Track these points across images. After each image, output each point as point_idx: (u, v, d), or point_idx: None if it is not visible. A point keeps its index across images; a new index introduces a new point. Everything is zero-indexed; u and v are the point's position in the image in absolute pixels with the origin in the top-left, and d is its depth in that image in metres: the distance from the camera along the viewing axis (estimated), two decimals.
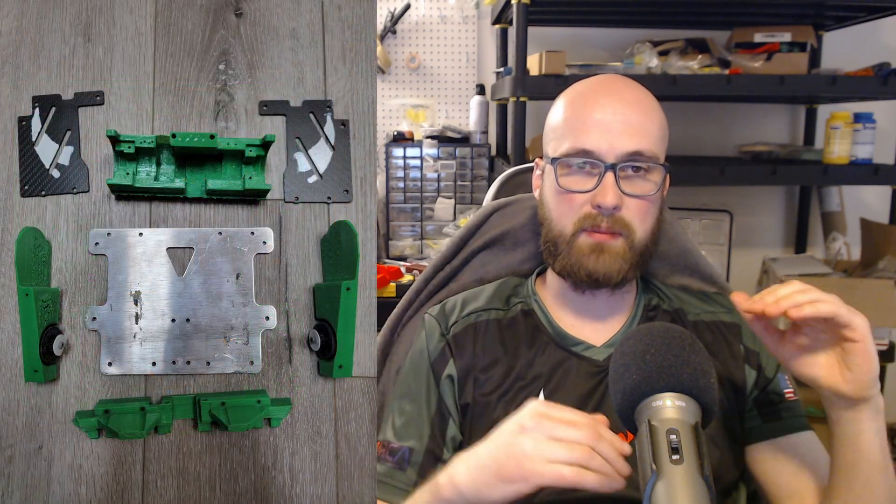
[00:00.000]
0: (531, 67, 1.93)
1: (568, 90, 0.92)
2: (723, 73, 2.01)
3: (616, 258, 0.85)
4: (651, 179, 0.86)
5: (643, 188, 0.86)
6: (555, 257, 0.89)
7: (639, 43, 2.06)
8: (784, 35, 2.08)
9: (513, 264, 1.06)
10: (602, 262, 0.85)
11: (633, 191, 0.85)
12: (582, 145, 0.85)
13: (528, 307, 0.95)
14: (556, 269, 0.91)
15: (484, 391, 0.89)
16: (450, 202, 2.36)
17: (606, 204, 0.84)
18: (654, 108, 0.89)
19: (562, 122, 0.89)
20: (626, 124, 0.85)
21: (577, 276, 0.87)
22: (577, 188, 0.86)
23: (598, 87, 0.89)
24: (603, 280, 0.86)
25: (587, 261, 0.86)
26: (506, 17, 2.28)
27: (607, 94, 0.87)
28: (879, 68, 1.98)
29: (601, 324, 0.93)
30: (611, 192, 0.84)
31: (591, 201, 0.85)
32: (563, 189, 0.87)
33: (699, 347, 0.59)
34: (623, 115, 0.85)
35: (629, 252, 0.86)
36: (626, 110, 0.85)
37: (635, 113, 0.86)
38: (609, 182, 0.84)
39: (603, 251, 0.85)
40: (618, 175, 0.84)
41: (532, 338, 0.92)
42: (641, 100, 0.88)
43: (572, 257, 0.87)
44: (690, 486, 0.49)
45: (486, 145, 2.40)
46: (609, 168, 0.84)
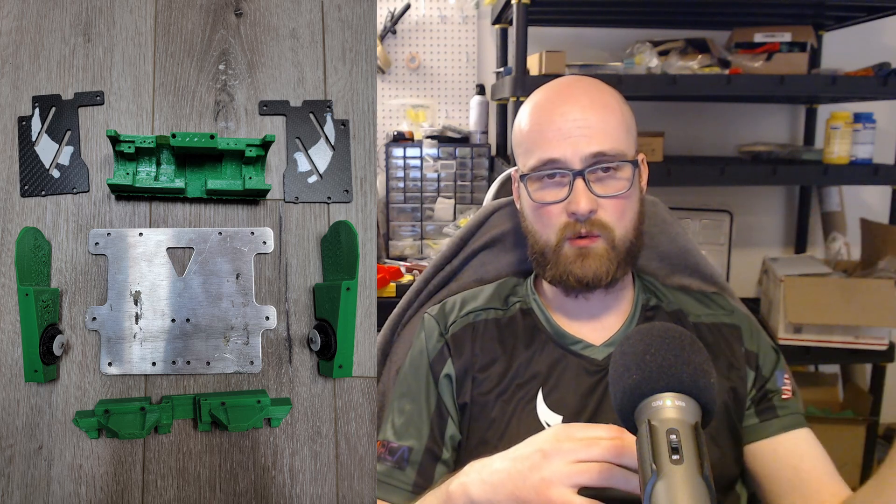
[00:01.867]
0: (531, 67, 1.93)
1: (529, 99, 0.93)
2: (723, 73, 2.00)
3: (600, 260, 0.86)
4: (621, 177, 0.87)
5: (615, 187, 0.86)
6: (543, 268, 0.90)
7: (639, 43, 2.06)
8: (784, 35, 2.08)
9: (513, 264, 1.06)
10: (587, 265, 0.86)
11: (605, 192, 0.86)
12: (547, 155, 0.86)
13: (526, 306, 0.95)
14: (546, 279, 0.91)
15: (482, 390, 0.89)
16: (450, 202, 2.36)
17: (580, 210, 0.84)
18: (613, 104, 0.89)
19: (525, 135, 0.90)
20: (586, 128, 0.85)
21: (567, 283, 0.88)
22: (551, 199, 0.87)
23: (555, 95, 0.89)
24: (592, 282, 0.87)
25: (573, 267, 0.87)
26: (506, 17, 2.28)
27: (564, 101, 0.87)
28: (879, 68, 1.98)
29: (599, 323, 0.93)
30: (583, 198, 0.84)
31: (566, 210, 0.86)
32: (537, 203, 0.88)
33: (699, 347, 0.59)
34: (583, 119, 0.85)
35: (612, 252, 0.87)
36: (584, 113, 0.86)
37: (594, 114, 0.86)
38: (580, 188, 0.85)
39: (587, 255, 0.86)
40: (587, 179, 0.85)
41: (530, 337, 0.92)
42: (599, 99, 0.88)
43: (560, 266, 0.88)
44: (690, 486, 0.49)
45: (486, 145, 2.40)
46: (577, 174, 0.85)
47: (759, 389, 0.90)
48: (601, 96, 0.89)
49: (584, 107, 0.86)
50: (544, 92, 0.91)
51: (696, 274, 1.03)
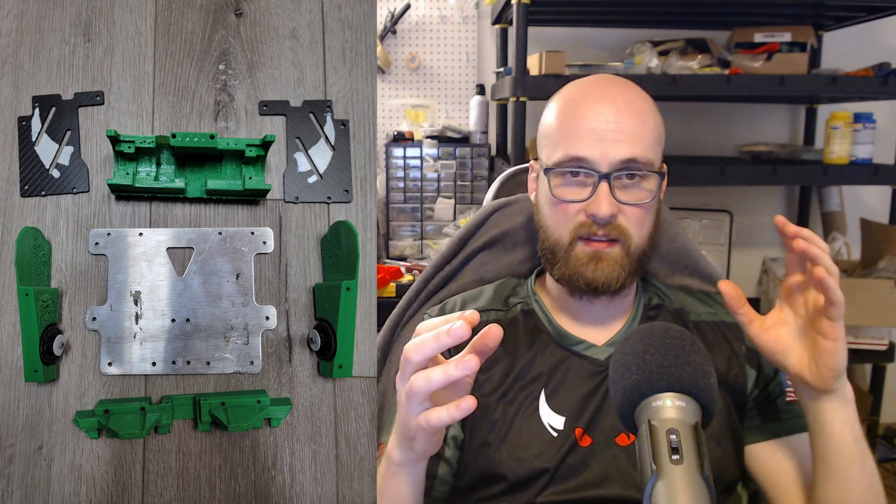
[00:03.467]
0: (531, 67, 1.93)
1: (560, 92, 0.91)
2: (723, 73, 2.01)
3: (614, 266, 0.85)
4: (646, 187, 0.86)
5: (638, 196, 0.85)
6: (553, 265, 0.89)
7: (639, 43, 2.06)
8: (784, 35, 2.08)
9: (512, 264, 1.06)
10: (600, 270, 0.85)
11: (628, 199, 0.85)
12: (575, 153, 0.84)
13: (527, 307, 0.95)
14: (554, 277, 0.90)
15: (484, 391, 0.89)
16: (450, 202, 2.36)
17: (601, 214, 0.83)
18: (648, 111, 0.87)
19: (554, 129, 0.88)
20: (619, 132, 0.83)
21: (576, 285, 0.87)
22: (572, 198, 0.85)
23: (591, 92, 0.87)
24: (602, 288, 0.86)
25: (585, 270, 0.86)
26: (506, 17, 2.28)
27: (600, 100, 0.85)
28: (879, 68, 1.98)
29: (601, 324, 0.93)
30: (605, 202, 0.83)
31: (586, 210, 0.85)
32: (557, 199, 0.86)
33: (699, 347, 0.59)
34: (616, 123, 0.84)
35: (626, 259, 0.86)
36: (619, 116, 0.84)
37: (629, 119, 0.84)
38: (603, 192, 0.83)
39: (601, 259, 0.85)
40: (612, 184, 0.83)
41: (532, 338, 0.92)
42: (635, 104, 0.86)
43: (570, 266, 0.87)
44: (690, 486, 0.49)
45: (486, 145, 2.40)
46: (603, 178, 0.83)
47: (763, 389, 0.90)
48: (637, 101, 0.87)
49: (619, 109, 0.84)
50: (578, 87, 0.89)
51: (696, 274, 1.03)
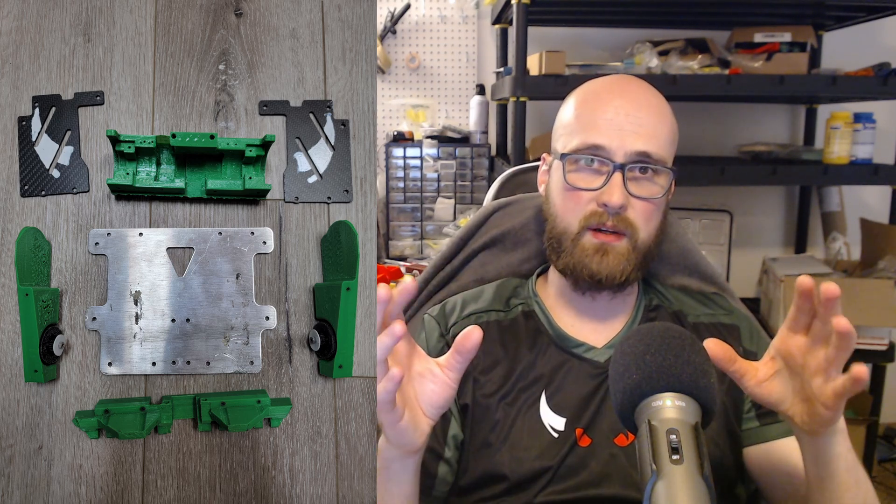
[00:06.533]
0: (531, 67, 1.93)
1: (580, 88, 0.93)
2: (723, 73, 2.00)
3: (619, 259, 0.86)
4: (658, 183, 0.87)
5: (650, 190, 0.87)
6: (558, 254, 0.90)
7: (639, 43, 2.06)
8: (784, 35, 2.08)
9: (513, 264, 1.06)
10: (605, 263, 0.86)
11: (639, 192, 0.86)
12: (593, 141, 0.86)
13: (528, 308, 0.95)
14: (558, 267, 0.91)
15: (485, 392, 0.89)
16: (450, 202, 2.36)
17: (613, 203, 0.84)
18: (665, 112, 0.90)
19: (573, 119, 0.90)
20: (637, 125, 0.85)
21: (580, 277, 0.88)
22: (585, 185, 0.87)
23: (612, 88, 0.89)
24: (606, 281, 0.86)
25: (591, 261, 0.86)
26: (506, 17, 2.28)
27: (621, 95, 0.88)
28: (879, 68, 1.98)
29: (602, 325, 0.93)
30: (617, 191, 0.84)
31: (598, 199, 0.86)
32: (570, 185, 0.88)
33: (699, 347, 0.59)
34: (635, 117, 0.86)
35: (633, 253, 0.86)
36: (639, 112, 0.86)
37: (647, 115, 0.87)
38: (616, 182, 0.85)
39: (607, 252, 0.86)
40: (625, 175, 0.85)
41: (533, 339, 0.92)
42: (654, 103, 0.89)
43: (576, 256, 0.87)
44: (690, 486, 0.49)
45: (486, 145, 2.40)
46: (617, 168, 0.85)
47: None
48: (656, 101, 0.90)
49: (639, 105, 0.87)
50: (599, 83, 0.92)
51: (695, 274, 1.03)
